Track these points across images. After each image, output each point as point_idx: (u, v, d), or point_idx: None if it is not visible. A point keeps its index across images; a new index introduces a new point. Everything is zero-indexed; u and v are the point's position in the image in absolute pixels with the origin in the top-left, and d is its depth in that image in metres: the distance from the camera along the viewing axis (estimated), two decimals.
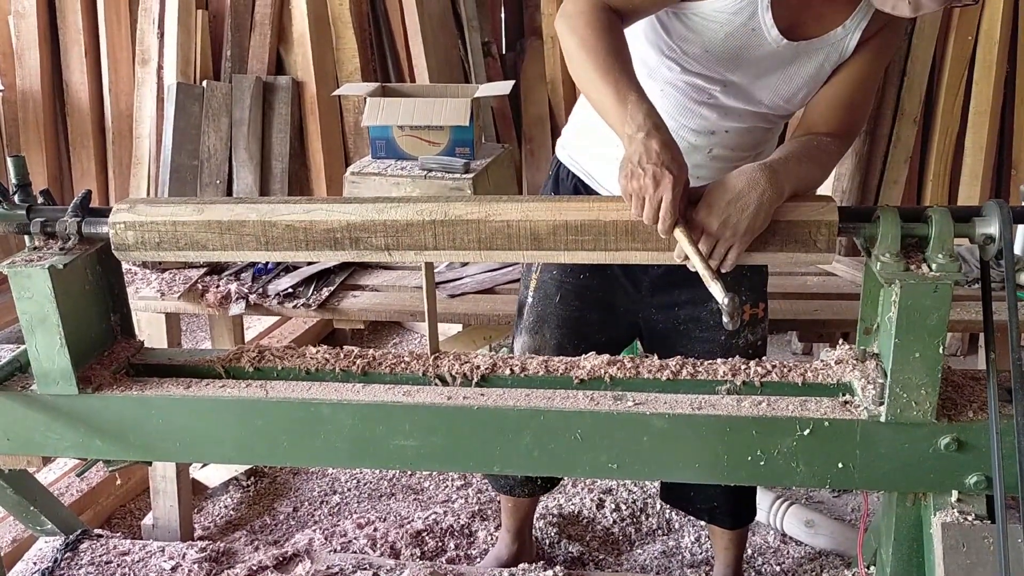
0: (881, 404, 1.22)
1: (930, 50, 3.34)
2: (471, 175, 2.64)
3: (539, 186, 3.75)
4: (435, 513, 2.43)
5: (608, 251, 1.27)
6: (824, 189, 3.32)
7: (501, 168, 2.92)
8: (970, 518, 1.22)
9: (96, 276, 1.43)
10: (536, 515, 2.43)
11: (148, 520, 2.43)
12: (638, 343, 1.90)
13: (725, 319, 1.21)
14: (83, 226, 1.37)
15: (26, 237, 1.41)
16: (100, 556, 2.05)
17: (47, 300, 1.31)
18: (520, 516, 2.18)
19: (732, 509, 1.97)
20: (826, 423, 1.24)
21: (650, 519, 2.46)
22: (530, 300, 1.82)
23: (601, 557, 2.31)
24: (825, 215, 1.25)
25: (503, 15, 3.96)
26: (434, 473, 2.68)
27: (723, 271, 1.25)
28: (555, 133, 3.80)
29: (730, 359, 1.38)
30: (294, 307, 2.17)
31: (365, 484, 2.69)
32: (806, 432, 1.24)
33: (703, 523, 2.42)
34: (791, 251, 1.24)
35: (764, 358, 1.39)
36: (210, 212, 1.34)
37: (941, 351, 1.18)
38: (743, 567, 2.16)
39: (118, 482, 2.57)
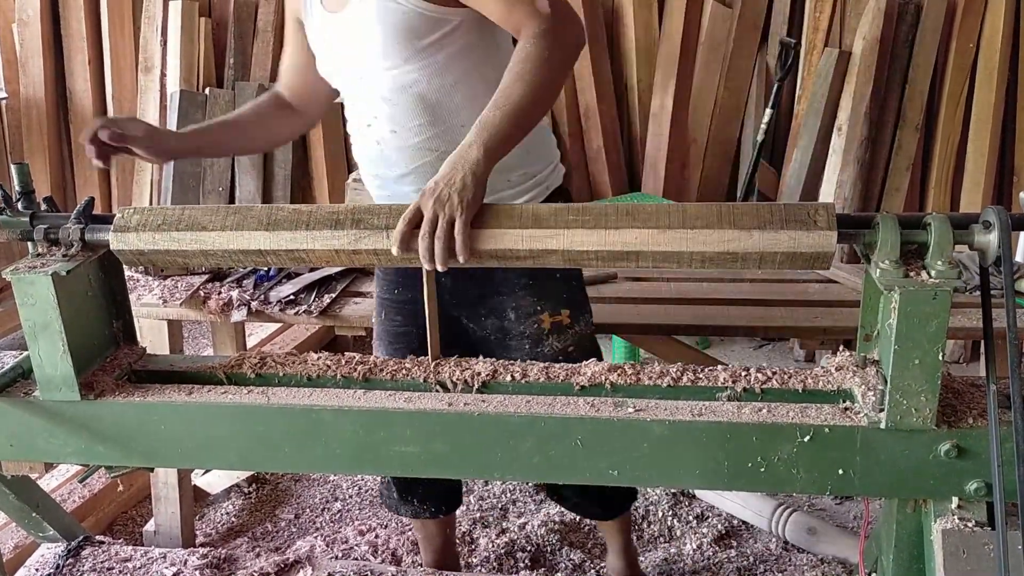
0: (881, 410, 1.22)
1: (932, 58, 3.35)
2: None
3: None
4: None
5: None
6: (825, 197, 3.33)
7: None
8: (970, 525, 1.22)
9: (99, 283, 1.43)
10: (538, 522, 2.43)
11: (150, 527, 2.43)
12: None
13: None
14: (86, 233, 1.37)
15: (29, 244, 1.41)
16: (102, 562, 2.06)
17: (50, 307, 1.31)
18: (438, 544, 2.12)
19: (599, 501, 1.98)
20: (826, 429, 1.24)
21: (652, 526, 2.46)
22: (373, 318, 1.90)
23: (603, 565, 2.30)
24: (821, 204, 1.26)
25: None
26: None
27: (460, 255, 1.26)
28: (557, 138, 3.80)
29: (730, 365, 1.39)
30: (296, 314, 2.17)
31: (366, 491, 2.69)
32: (806, 439, 1.24)
33: (701, 531, 2.42)
34: (792, 229, 1.24)
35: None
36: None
37: (941, 357, 1.18)
38: (633, 547, 2.18)
39: (120, 488, 2.57)
